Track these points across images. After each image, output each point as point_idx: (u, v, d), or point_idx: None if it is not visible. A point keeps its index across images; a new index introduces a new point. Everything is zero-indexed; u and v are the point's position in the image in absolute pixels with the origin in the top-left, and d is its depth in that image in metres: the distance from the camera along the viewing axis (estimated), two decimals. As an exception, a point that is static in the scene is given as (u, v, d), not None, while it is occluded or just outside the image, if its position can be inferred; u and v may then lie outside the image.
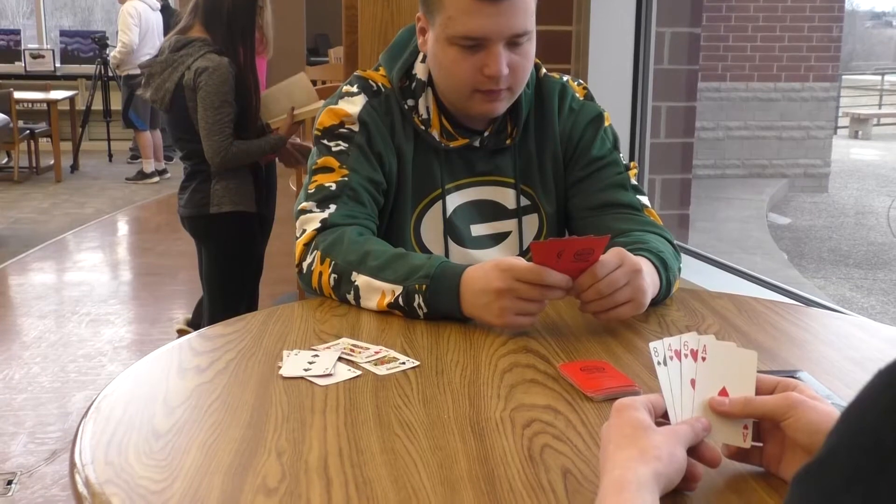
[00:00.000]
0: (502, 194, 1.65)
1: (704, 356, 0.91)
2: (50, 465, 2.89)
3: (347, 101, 1.59)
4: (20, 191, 7.67)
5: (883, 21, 18.17)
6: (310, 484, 0.89)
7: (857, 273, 6.66)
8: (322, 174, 1.56)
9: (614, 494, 0.78)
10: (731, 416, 0.89)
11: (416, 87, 1.60)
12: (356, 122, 1.57)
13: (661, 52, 3.03)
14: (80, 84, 9.42)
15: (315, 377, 1.15)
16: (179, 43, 3.02)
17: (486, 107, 1.53)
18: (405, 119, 1.60)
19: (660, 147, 3.08)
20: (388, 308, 1.38)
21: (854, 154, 12.11)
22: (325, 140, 1.58)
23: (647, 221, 1.59)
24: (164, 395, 1.11)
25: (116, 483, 0.89)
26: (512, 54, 1.49)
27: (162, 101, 3.06)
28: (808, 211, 8.66)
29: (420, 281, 1.35)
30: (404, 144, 1.59)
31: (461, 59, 1.48)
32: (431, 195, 1.61)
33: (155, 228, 6.51)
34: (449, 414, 1.06)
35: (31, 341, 4.06)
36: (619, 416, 0.87)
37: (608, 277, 1.28)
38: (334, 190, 1.53)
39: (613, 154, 1.65)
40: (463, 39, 1.47)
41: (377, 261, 1.40)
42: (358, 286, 1.41)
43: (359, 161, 1.55)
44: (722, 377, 0.91)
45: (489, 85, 1.49)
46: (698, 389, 0.90)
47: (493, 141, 1.62)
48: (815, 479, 0.51)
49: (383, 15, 2.82)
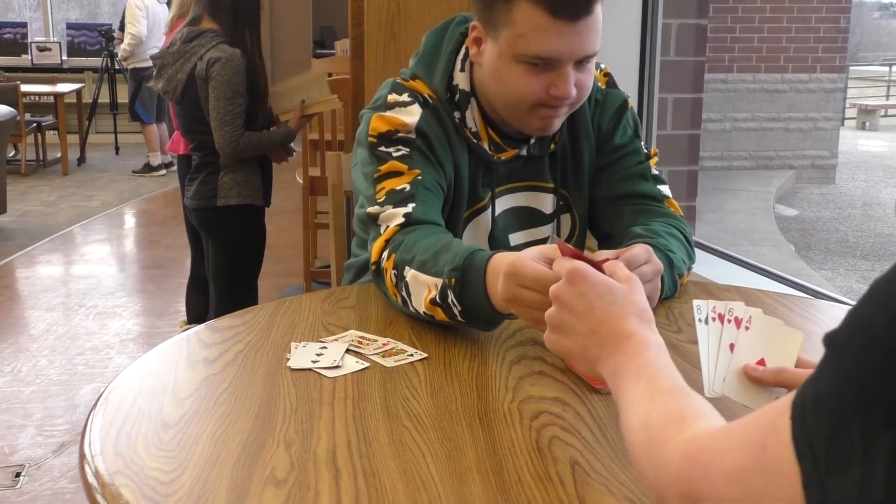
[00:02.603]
0: (540, 199, 1.61)
1: (748, 326, 0.92)
2: (58, 458, 2.90)
3: (400, 111, 1.50)
4: (27, 184, 7.68)
5: (890, 12, 18.10)
6: (318, 475, 0.89)
7: (865, 264, 6.64)
8: (390, 179, 1.45)
9: (643, 353, 0.86)
10: (763, 383, 0.91)
11: (460, 99, 1.53)
12: (413, 132, 1.48)
13: (667, 43, 3.02)
14: (86, 77, 9.42)
15: (323, 369, 1.15)
16: (191, 34, 3.02)
17: (544, 123, 1.47)
18: (458, 132, 1.53)
19: (666, 139, 3.08)
20: (432, 304, 1.27)
21: (861, 145, 12.07)
22: (382, 147, 1.48)
23: (666, 213, 1.57)
24: (173, 386, 1.12)
25: (126, 474, 0.90)
26: (578, 73, 1.43)
27: (174, 93, 3.06)
28: (815, 202, 8.64)
29: (450, 274, 1.24)
30: (460, 156, 1.53)
31: (527, 76, 1.41)
32: (478, 205, 1.57)
33: (162, 221, 6.51)
34: (457, 405, 1.06)
35: (39, 334, 4.07)
36: (583, 281, 0.95)
37: (638, 270, 1.25)
38: (409, 190, 1.43)
39: (635, 142, 1.62)
40: (534, 58, 1.39)
41: (424, 254, 1.31)
42: (408, 283, 1.31)
43: (424, 164, 1.47)
44: (763, 349, 0.91)
45: (553, 103, 1.43)
46: (736, 354, 0.91)
47: (537, 148, 1.58)
48: (835, 341, 0.58)
49: (389, 7, 2.81)
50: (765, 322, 0.92)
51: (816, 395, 0.58)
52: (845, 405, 0.55)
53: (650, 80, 3.02)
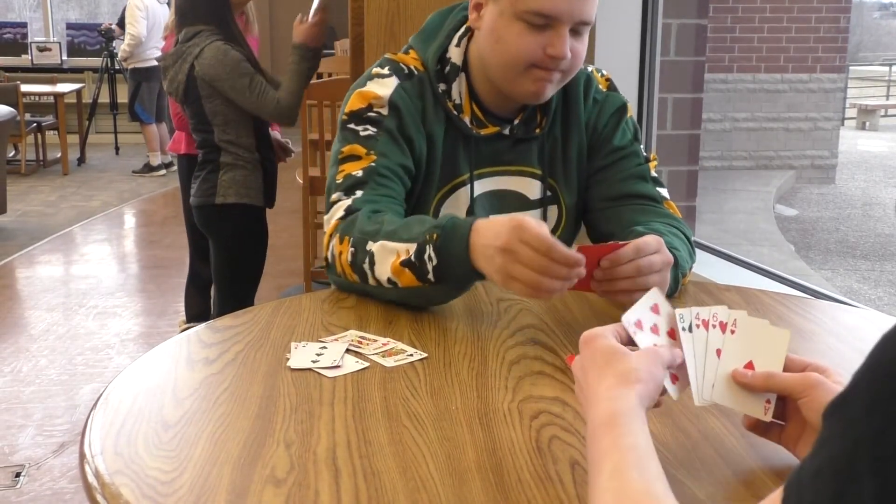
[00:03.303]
0: (526, 185, 1.63)
1: (734, 329, 0.91)
2: (58, 458, 2.90)
3: (377, 82, 1.56)
4: (27, 184, 7.68)
5: (890, 12, 18.10)
6: (318, 475, 0.89)
7: (865, 264, 6.64)
8: (349, 163, 1.52)
9: (606, 431, 0.78)
10: (752, 388, 0.89)
11: (449, 72, 1.58)
12: (386, 105, 1.54)
13: (667, 43, 3.02)
14: (86, 77, 9.43)
15: (323, 369, 1.15)
16: (188, 34, 3.03)
17: (537, 86, 1.50)
18: (437, 103, 1.57)
19: (666, 139, 3.08)
20: (401, 266, 1.33)
21: (861, 145, 12.07)
22: (352, 124, 1.55)
23: (665, 214, 1.58)
24: (173, 386, 1.12)
25: (126, 474, 0.90)
26: (573, 40, 1.47)
27: (177, 93, 3.09)
28: (815, 202, 8.64)
29: (431, 231, 1.31)
30: (435, 128, 1.57)
31: (526, 34, 1.46)
32: (455, 181, 1.59)
33: (161, 221, 6.51)
34: (457, 405, 1.06)
35: (39, 334, 4.07)
36: (588, 347, 0.87)
37: (649, 258, 1.26)
38: (361, 176, 1.50)
39: (634, 145, 1.64)
40: (534, 16, 1.44)
41: (392, 226, 1.38)
42: (373, 252, 1.37)
43: (387, 145, 1.52)
44: (750, 351, 0.90)
45: (548, 64, 1.47)
46: (723, 359, 0.90)
47: (522, 130, 1.60)
48: (839, 410, 0.55)
49: (389, 7, 2.81)
50: (750, 324, 0.91)
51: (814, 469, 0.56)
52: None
53: (650, 80, 3.02)
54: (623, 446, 0.76)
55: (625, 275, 1.26)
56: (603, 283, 1.28)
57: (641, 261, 1.26)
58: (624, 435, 0.76)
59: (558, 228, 1.66)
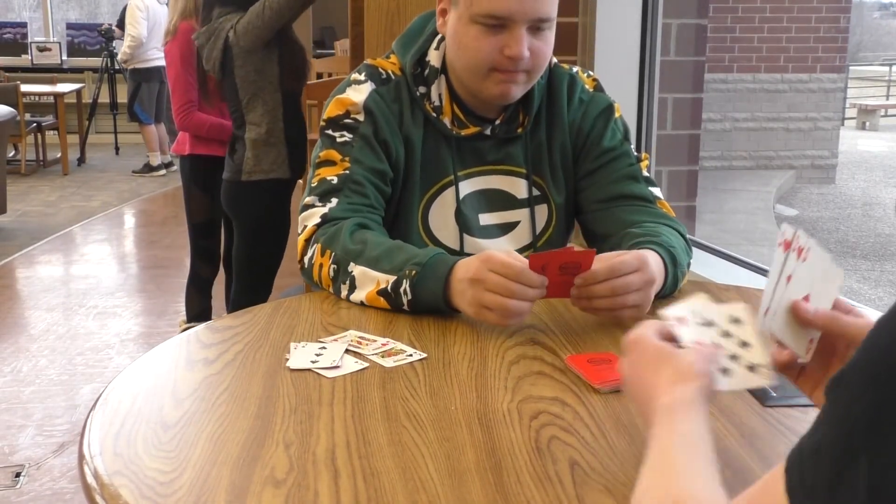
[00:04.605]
0: (512, 184, 1.63)
1: (806, 257, 0.87)
2: (58, 458, 2.90)
3: (354, 88, 1.58)
4: (27, 184, 7.68)
5: (890, 12, 18.11)
6: (318, 475, 0.89)
7: (865, 264, 6.64)
8: (325, 167, 1.55)
9: (667, 420, 0.79)
10: (812, 325, 0.88)
11: (428, 74, 1.59)
12: (361, 112, 1.55)
13: (667, 43, 3.02)
14: (86, 77, 9.43)
15: (322, 369, 1.15)
16: (222, 13, 3.09)
17: (501, 88, 1.51)
18: (415, 106, 1.58)
19: (666, 139, 3.08)
20: (377, 295, 1.37)
21: (861, 145, 12.07)
22: (329, 130, 1.57)
23: (659, 213, 1.58)
24: (173, 386, 1.12)
25: (125, 474, 0.90)
26: (533, 39, 1.48)
27: (214, 69, 3.13)
28: (815, 202, 8.64)
29: (411, 267, 1.35)
30: (413, 132, 1.58)
31: (482, 37, 1.47)
32: (440, 183, 1.60)
33: (161, 221, 6.51)
34: (456, 406, 1.06)
35: (39, 334, 4.07)
36: (636, 349, 0.89)
37: (625, 278, 1.28)
38: (336, 183, 1.52)
39: (624, 145, 1.64)
40: (487, 18, 1.45)
41: (375, 251, 1.40)
42: (354, 276, 1.40)
43: (363, 152, 1.54)
44: (810, 284, 0.88)
45: (507, 66, 1.48)
46: (790, 288, 0.87)
47: (504, 129, 1.61)
48: (838, 388, 0.57)
49: (389, 6, 2.82)
50: (818, 255, 0.88)
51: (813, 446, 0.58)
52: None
53: (650, 80, 3.02)
54: (678, 431, 0.77)
55: (600, 294, 1.29)
56: (581, 300, 1.31)
57: (616, 281, 1.28)
58: (682, 421, 0.78)
59: (549, 228, 1.65)
